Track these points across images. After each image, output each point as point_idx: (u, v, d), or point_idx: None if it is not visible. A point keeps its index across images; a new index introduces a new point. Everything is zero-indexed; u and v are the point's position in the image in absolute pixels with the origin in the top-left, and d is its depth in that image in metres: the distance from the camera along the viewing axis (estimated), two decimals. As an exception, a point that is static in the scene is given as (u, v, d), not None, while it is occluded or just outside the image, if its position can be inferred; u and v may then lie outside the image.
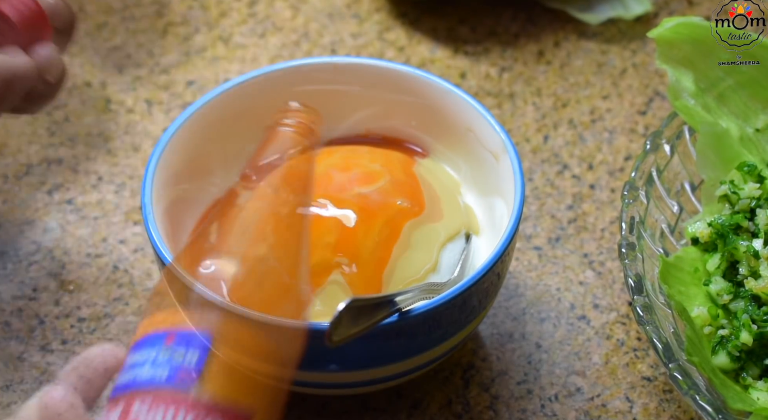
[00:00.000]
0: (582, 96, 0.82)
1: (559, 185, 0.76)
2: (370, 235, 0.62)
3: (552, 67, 0.83)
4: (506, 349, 0.68)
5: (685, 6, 0.88)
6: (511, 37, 0.85)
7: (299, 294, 0.61)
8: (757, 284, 0.63)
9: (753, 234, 0.66)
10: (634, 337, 0.69)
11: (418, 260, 0.62)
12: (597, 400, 0.66)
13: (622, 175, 0.77)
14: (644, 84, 0.82)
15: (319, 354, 0.59)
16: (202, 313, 0.59)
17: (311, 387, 0.63)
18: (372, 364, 0.60)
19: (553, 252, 0.73)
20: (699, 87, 0.69)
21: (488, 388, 0.67)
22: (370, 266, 0.62)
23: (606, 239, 0.73)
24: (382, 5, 0.86)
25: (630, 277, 0.63)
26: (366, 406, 0.66)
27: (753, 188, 0.66)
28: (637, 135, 0.79)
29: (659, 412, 0.66)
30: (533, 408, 0.66)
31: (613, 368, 0.68)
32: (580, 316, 0.70)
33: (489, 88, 0.82)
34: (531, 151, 0.78)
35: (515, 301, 0.70)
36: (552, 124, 0.80)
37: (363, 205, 0.63)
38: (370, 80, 0.70)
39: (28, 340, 0.68)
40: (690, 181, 0.69)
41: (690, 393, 0.59)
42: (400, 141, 0.71)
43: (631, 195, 0.66)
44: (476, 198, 0.69)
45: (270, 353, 0.55)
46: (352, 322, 0.55)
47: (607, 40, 0.85)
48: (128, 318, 0.69)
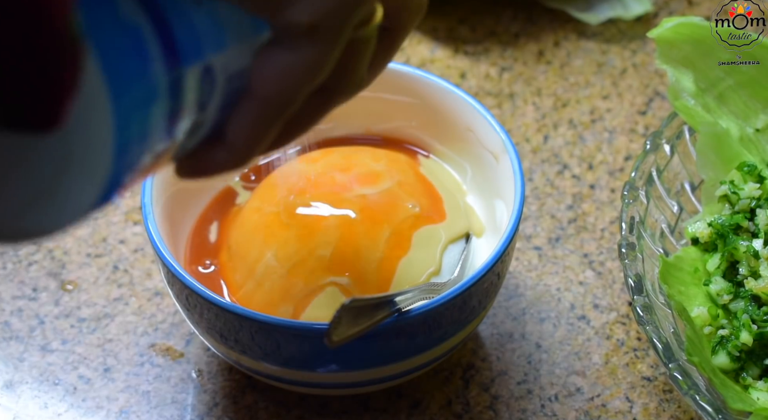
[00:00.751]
0: (582, 96, 0.82)
1: (559, 185, 0.76)
2: (374, 247, 0.62)
3: (552, 67, 0.83)
4: (506, 349, 0.68)
5: (685, 6, 0.88)
6: (511, 37, 0.85)
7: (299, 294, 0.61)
8: (757, 284, 0.63)
9: (753, 234, 0.66)
10: (634, 337, 0.69)
11: (420, 263, 0.62)
12: (597, 400, 0.66)
13: (622, 175, 0.77)
14: (644, 84, 0.82)
15: (319, 354, 0.59)
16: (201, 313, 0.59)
17: (311, 387, 0.63)
18: (372, 364, 0.60)
19: (553, 252, 0.73)
20: (699, 87, 0.69)
21: (488, 388, 0.67)
22: (371, 285, 0.61)
23: (606, 239, 0.73)
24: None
25: (630, 277, 0.63)
26: (366, 406, 0.66)
27: (753, 188, 0.66)
28: (637, 135, 0.79)
29: (659, 412, 0.66)
30: (533, 408, 0.66)
31: (613, 368, 0.68)
32: (580, 316, 0.70)
33: (489, 88, 0.82)
34: (531, 151, 0.78)
35: (515, 301, 0.70)
36: (552, 124, 0.80)
37: (366, 208, 0.63)
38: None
39: (28, 340, 0.68)
40: (690, 181, 0.69)
41: (690, 393, 0.59)
42: (400, 141, 0.71)
43: (631, 195, 0.66)
44: (476, 198, 0.69)
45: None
46: (352, 322, 0.55)
47: (607, 40, 0.85)
48: (128, 318, 0.69)
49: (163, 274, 0.61)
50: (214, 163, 0.46)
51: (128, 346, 0.68)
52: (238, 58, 0.44)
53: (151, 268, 0.72)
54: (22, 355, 0.68)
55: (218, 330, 0.60)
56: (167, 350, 0.68)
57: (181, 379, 0.67)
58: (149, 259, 0.72)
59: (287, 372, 0.61)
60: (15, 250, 0.72)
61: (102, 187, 0.38)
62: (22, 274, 0.71)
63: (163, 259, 0.60)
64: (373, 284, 0.61)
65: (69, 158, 0.36)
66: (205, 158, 0.46)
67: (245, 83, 0.45)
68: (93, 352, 0.68)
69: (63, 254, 0.72)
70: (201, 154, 0.46)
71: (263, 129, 0.45)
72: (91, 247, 0.73)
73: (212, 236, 0.67)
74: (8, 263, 0.72)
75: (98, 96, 0.36)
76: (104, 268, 0.71)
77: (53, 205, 0.37)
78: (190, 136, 0.44)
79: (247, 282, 0.63)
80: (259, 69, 0.45)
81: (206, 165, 0.46)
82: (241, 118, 0.45)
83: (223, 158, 0.46)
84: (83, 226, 0.73)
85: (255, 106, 0.45)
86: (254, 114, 0.45)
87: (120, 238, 0.73)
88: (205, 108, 0.43)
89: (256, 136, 0.45)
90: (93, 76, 0.36)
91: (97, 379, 0.67)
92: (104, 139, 0.37)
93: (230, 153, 0.45)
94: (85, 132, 0.36)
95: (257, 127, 0.45)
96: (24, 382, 0.67)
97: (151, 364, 0.67)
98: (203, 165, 0.46)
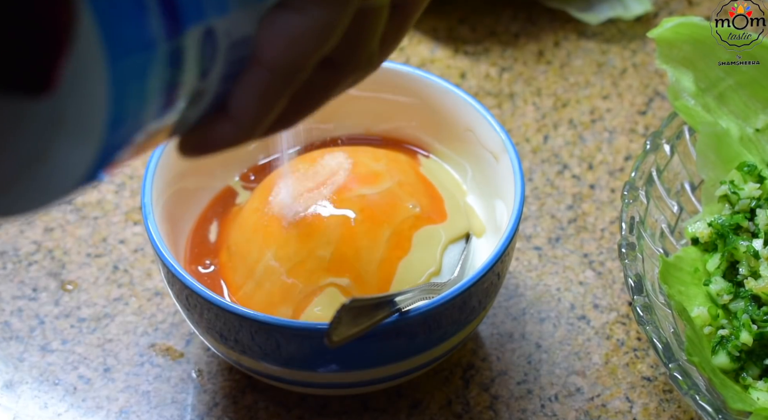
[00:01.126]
0: (582, 96, 0.82)
1: (559, 185, 0.76)
2: (375, 247, 0.62)
3: (552, 67, 0.83)
4: (506, 349, 0.68)
5: (685, 6, 0.88)
6: (511, 37, 0.85)
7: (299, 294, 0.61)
8: (757, 284, 0.63)
9: (753, 234, 0.66)
10: (634, 337, 0.69)
11: (421, 263, 0.62)
12: (597, 400, 0.66)
13: (622, 175, 0.77)
14: (644, 84, 0.82)
15: (319, 354, 0.59)
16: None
17: (311, 387, 0.63)
18: (372, 364, 0.60)
19: (553, 252, 0.73)
20: (699, 87, 0.69)
21: (488, 388, 0.67)
22: (371, 286, 0.61)
23: (606, 239, 0.73)
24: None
25: (630, 277, 0.63)
26: (366, 406, 0.66)
27: (753, 188, 0.66)
28: (637, 135, 0.79)
29: (659, 412, 0.66)
30: (533, 408, 0.66)
31: (613, 368, 0.68)
32: (580, 316, 0.70)
33: (489, 88, 0.82)
34: (531, 151, 0.78)
35: (515, 301, 0.70)
36: (552, 124, 0.80)
37: (367, 208, 0.63)
38: (370, 80, 0.69)
39: (28, 340, 0.68)
40: (690, 181, 0.69)
41: (690, 393, 0.59)
42: (400, 141, 0.71)
43: (631, 195, 0.66)
44: (476, 198, 0.69)
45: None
46: (352, 322, 0.55)
47: (607, 40, 0.85)
48: (128, 318, 0.69)
49: (163, 274, 0.61)
50: (218, 137, 0.43)
51: (128, 346, 0.68)
52: (242, 23, 0.42)
53: (151, 268, 0.72)
54: (22, 355, 0.68)
55: (218, 330, 0.60)
56: (167, 350, 0.68)
57: (181, 379, 0.67)
58: (149, 259, 0.72)
59: (287, 372, 0.60)
60: (15, 250, 0.72)
61: (95, 155, 0.36)
62: (22, 274, 0.71)
63: (163, 259, 0.60)
64: (373, 285, 0.61)
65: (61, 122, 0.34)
66: (208, 133, 0.43)
67: (250, 52, 0.42)
68: (93, 352, 0.68)
69: (63, 254, 0.72)
70: (204, 128, 0.43)
71: (270, 99, 0.43)
72: (91, 247, 0.73)
73: (212, 236, 0.67)
74: (8, 263, 0.72)
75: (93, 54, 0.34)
76: (104, 268, 0.71)
77: (43, 174, 0.35)
78: (191, 107, 0.41)
79: (246, 282, 0.63)
80: (264, 34, 0.42)
81: (210, 140, 0.43)
82: (246, 87, 0.43)
83: (228, 132, 0.43)
84: (83, 226, 0.73)
85: (261, 74, 0.42)
86: (260, 83, 0.43)
87: (120, 238, 0.73)
88: (207, 75, 0.41)
89: (263, 108, 0.43)
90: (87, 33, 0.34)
91: (97, 379, 0.67)
92: (99, 101, 0.35)
93: (235, 126, 0.43)
94: (79, 94, 0.34)
95: (263, 98, 0.43)
96: (24, 382, 0.67)
97: (151, 364, 0.67)
98: (207, 140, 0.43)
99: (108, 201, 0.75)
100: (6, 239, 0.73)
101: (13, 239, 0.73)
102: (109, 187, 0.76)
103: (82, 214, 0.74)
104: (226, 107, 0.43)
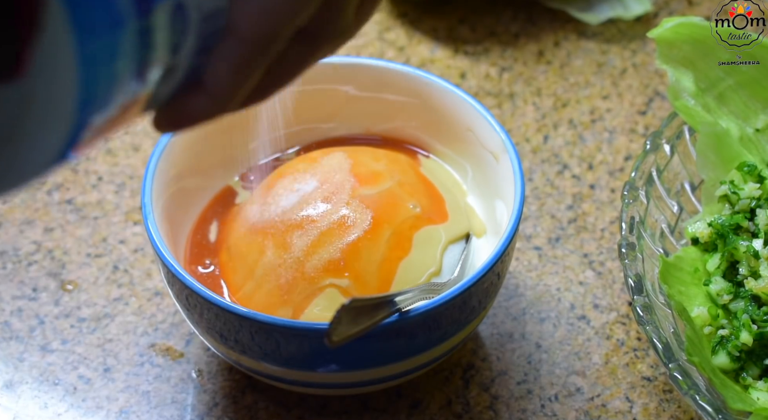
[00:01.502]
0: (582, 96, 0.82)
1: (559, 185, 0.76)
2: (375, 248, 0.62)
3: (552, 67, 0.83)
4: (506, 349, 0.68)
5: (685, 6, 0.88)
6: (511, 37, 0.85)
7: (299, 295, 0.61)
8: (757, 284, 0.63)
9: (753, 234, 0.66)
10: (634, 337, 0.69)
11: (421, 264, 0.62)
12: (597, 400, 0.66)
13: (622, 175, 0.77)
14: (644, 84, 0.82)
15: (319, 354, 0.59)
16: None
17: (311, 387, 0.63)
18: (372, 364, 0.60)
19: (553, 252, 0.73)
20: (699, 87, 0.69)
21: (488, 388, 0.67)
22: (372, 286, 0.61)
23: (606, 239, 0.73)
24: (382, 5, 0.86)
25: (630, 277, 0.63)
26: (366, 406, 0.66)
27: (753, 188, 0.66)
28: (637, 135, 0.79)
29: (659, 412, 0.66)
30: (533, 408, 0.66)
31: (613, 368, 0.68)
32: (580, 316, 0.70)
33: (489, 88, 0.82)
34: (531, 151, 0.78)
35: (515, 301, 0.70)
36: (552, 124, 0.80)
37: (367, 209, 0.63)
38: (370, 80, 0.70)
39: (28, 340, 0.68)
40: (690, 181, 0.69)
41: (690, 393, 0.59)
42: (400, 141, 0.71)
43: (631, 195, 0.66)
44: (476, 198, 0.69)
45: None
46: (352, 322, 0.55)
47: (607, 40, 0.85)
48: (128, 318, 0.69)
49: (163, 274, 0.61)
50: (193, 111, 0.43)
51: (128, 346, 0.68)
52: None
53: (151, 268, 0.72)
54: (22, 355, 0.68)
55: (218, 330, 0.60)
56: (167, 350, 0.68)
57: (181, 379, 0.67)
58: (149, 259, 0.72)
59: (287, 372, 0.60)
60: (15, 250, 0.72)
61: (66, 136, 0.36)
62: (22, 274, 0.71)
63: (163, 259, 0.60)
64: (373, 285, 0.61)
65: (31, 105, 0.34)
66: (183, 107, 0.43)
67: (224, 24, 0.41)
68: (93, 352, 0.68)
69: (63, 254, 0.72)
70: (179, 102, 0.42)
71: (245, 71, 0.42)
72: (91, 247, 0.73)
73: (212, 236, 0.67)
74: (8, 263, 0.72)
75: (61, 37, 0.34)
76: (104, 268, 0.71)
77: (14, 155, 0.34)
78: (164, 82, 0.41)
79: (246, 282, 0.63)
80: (238, 5, 0.41)
81: (185, 114, 0.43)
82: (221, 59, 0.42)
83: (203, 105, 0.42)
84: (83, 226, 0.73)
85: (235, 45, 0.42)
86: (235, 55, 0.42)
87: (120, 238, 0.73)
88: (179, 50, 0.40)
89: (238, 79, 0.42)
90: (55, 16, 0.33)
91: (97, 379, 0.67)
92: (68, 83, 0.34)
93: (210, 99, 0.42)
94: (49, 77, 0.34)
95: (238, 69, 0.42)
96: (24, 382, 0.67)
97: (151, 364, 0.67)
98: (182, 114, 0.43)
99: (108, 201, 0.75)
100: (6, 239, 0.73)
101: (13, 239, 0.73)
102: (109, 187, 0.76)
103: (82, 214, 0.74)
104: (201, 81, 0.42)
